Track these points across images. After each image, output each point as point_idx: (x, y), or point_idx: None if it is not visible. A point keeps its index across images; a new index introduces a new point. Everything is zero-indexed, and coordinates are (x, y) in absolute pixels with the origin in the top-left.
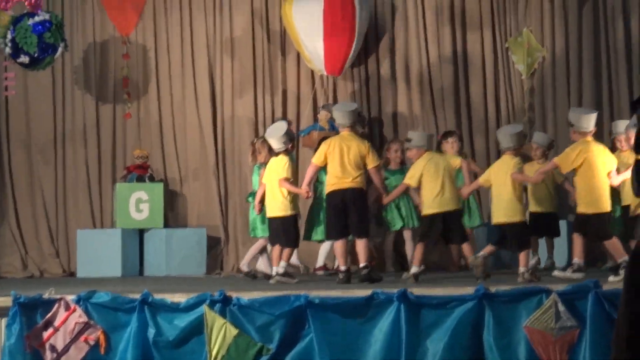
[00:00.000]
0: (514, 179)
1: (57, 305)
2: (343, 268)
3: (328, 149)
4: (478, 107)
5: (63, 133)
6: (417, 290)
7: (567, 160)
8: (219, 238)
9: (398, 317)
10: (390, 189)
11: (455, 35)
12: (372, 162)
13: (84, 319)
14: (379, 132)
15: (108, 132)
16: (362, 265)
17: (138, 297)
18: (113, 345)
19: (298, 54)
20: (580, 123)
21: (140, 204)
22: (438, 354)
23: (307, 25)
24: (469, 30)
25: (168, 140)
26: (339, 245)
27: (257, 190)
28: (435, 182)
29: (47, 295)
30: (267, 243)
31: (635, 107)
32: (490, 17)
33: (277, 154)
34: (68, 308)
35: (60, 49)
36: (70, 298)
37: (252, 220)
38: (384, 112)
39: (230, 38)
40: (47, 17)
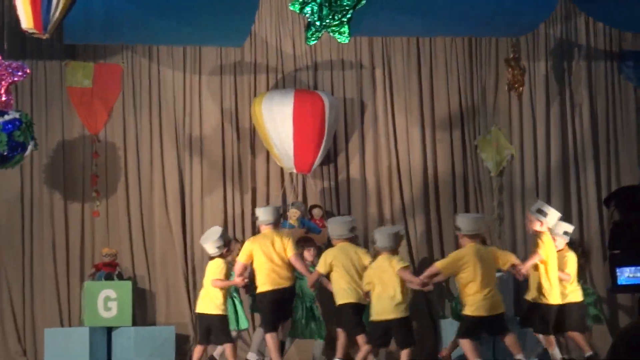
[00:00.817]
0: (401, 277)
1: None
2: None
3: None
4: (447, 205)
5: (31, 231)
6: None
7: (448, 267)
8: (188, 336)
9: None
10: None
11: (425, 135)
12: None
13: None
14: None
15: (76, 229)
16: None
17: None
18: None
19: (267, 153)
20: (467, 227)
21: (109, 302)
22: None
23: (276, 125)
24: (438, 130)
25: (136, 238)
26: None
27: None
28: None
29: None
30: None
31: (607, 204)
32: (460, 116)
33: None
34: None
35: (30, 148)
36: None
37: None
38: (354, 210)
39: (200, 137)
40: (17, 115)
